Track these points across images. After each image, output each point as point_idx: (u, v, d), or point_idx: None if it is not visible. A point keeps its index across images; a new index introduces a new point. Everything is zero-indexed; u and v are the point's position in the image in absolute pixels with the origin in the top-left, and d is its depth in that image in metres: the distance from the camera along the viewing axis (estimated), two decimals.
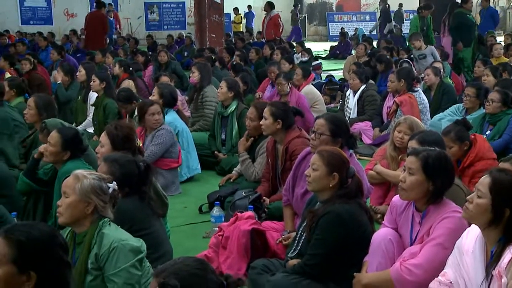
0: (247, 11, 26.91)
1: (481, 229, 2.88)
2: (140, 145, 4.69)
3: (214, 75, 9.31)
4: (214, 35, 15.16)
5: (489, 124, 6.20)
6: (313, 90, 8.89)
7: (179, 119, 6.60)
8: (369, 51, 12.65)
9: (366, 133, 7.96)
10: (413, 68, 9.66)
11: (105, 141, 4.46)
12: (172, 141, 5.98)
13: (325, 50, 22.57)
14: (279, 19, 16.87)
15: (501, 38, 15.11)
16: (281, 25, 17.16)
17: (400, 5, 24.51)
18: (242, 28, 26.33)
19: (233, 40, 18.69)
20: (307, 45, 17.16)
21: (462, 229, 3.07)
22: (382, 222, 3.62)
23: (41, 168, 4.70)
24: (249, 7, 26.89)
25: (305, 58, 13.64)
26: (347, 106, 8.52)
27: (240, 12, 26.95)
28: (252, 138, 5.70)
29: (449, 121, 6.05)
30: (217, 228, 4.35)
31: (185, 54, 17.39)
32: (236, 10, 26.62)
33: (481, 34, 12.32)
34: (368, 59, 11.74)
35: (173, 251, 3.92)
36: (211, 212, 4.99)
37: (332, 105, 10.29)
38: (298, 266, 3.45)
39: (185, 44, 18.42)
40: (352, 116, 8.31)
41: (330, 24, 30.80)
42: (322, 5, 32.13)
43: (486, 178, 2.85)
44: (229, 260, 4.05)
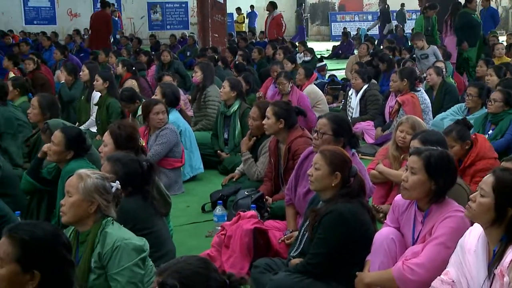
0: (250, 11, 26.88)
1: (484, 228, 2.88)
2: (143, 144, 4.70)
3: (217, 75, 9.31)
4: (216, 35, 15.18)
5: (491, 123, 6.19)
6: (316, 89, 8.89)
7: (182, 119, 6.60)
8: (371, 50, 12.65)
9: (369, 132, 7.96)
10: (416, 68, 9.66)
11: (108, 141, 4.45)
12: (176, 141, 5.99)
13: (327, 50, 22.55)
14: (281, 19, 16.88)
15: (503, 38, 15.10)
16: (284, 25, 17.17)
17: (402, 5, 24.48)
18: (244, 28, 26.34)
19: (236, 40, 18.68)
20: (310, 44, 17.14)
21: (464, 229, 3.07)
22: (384, 222, 3.63)
23: (45, 167, 4.70)
24: (251, 7, 26.87)
25: (308, 57, 13.62)
26: (350, 105, 8.52)
27: (243, 12, 26.93)
28: (255, 138, 5.72)
29: (451, 121, 6.02)
30: (219, 227, 4.35)
31: (188, 53, 17.40)
32: (239, 10, 26.61)
33: (483, 34, 12.28)
34: (371, 58, 11.75)
35: (176, 250, 3.92)
36: (214, 211, 4.98)
37: (335, 104, 10.28)
38: (301, 265, 3.45)
39: (188, 44, 18.43)
40: (355, 116, 8.30)
41: (332, 24, 30.79)
42: (325, 5, 32.10)
43: (489, 177, 2.84)
44: (231, 259, 4.05)
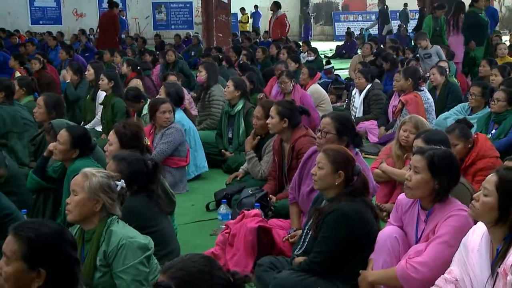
0: (254, 11, 26.88)
1: (487, 227, 2.87)
2: (148, 143, 4.72)
3: (221, 74, 9.33)
4: (221, 35, 15.20)
5: (494, 123, 6.16)
6: (319, 89, 8.89)
7: (186, 118, 6.61)
8: (374, 50, 12.65)
9: (372, 131, 7.96)
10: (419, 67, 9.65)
11: (113, 140, 4.47)
12: (181, 140, 6.01)
13: (331, 50, 22.56)
14: (285, 19, 16.85)
15: (506, 38, 15.06)
16: (288, 25, 17.14)
17: (405, 5, 24.43)
18: (249, 27, 26.32)
19: (240, 40, 18.71)
20: (313, 44, 17.14)
21: (468, 227, 3.06)
22: (388, 220, 3.62)
23: (51, 166, 4.72)
24: (255, 7, 26.86)
25: (311, 57, 13.63)
26: (353, 105, 8.52)
27: (247, 12, 26.92)
28: (259, 137, 5.73)
29: (454, 120, 6.03)
30: (224, 226, 4.37)
31: (192, 53, 17.43)
32: (243, 10, 26.60)
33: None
34: (374, 58, 11.75)
35: (181, 249, 3.93)
36: (218, 210, 4.99)
37: (338, 104, 10.28)
38: (305, 264, 3.46)
39: (193, 44, 18.46)
40: (358, 115, 8.30)
41: (336, 23, 30.77)
42: (328, 5, 32.08)
43: (492, 176, 2.84)
44: (236, 257, 4.06)
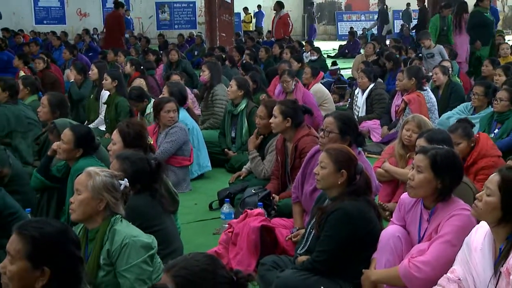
0: (257, 11, 26.88)
1: (490, 227, 2.87)
2: (152, 142, 4.73)
3: (224, 74, 9.34)
4: (224, 34, 15.21)
5: (497, 122, 6.16)
6: (322, 88, 8.90)
7: (190, 117, 6.62)
8: (377, 50, 12.65)
9: (375, 131, 7.97)
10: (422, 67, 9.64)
11: (117, 139, 4.48)
12: (185, 139, 6.02)
13: (334, 49, 22.55)
14: (288, 19, 16.85)
15: (509, 38, 15.03)
16: (291, 24, 17.15)
17: (408, 5, 24.41)
18: (252, 27, 26.33)
19: (243, 39, 18.72)
20: (316, 44, 17.14)
21: (470, 227, 3.06)
22: (391, 219, 3.62)
23: (55, 165, 4.73)
24: (259, 6, 26.86)
25: (314, 57, 13.63)
26: (356, 104, 8.53)
27: (250, 12, 26.93)
28: (262, 136, 5.74)
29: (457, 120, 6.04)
30: (227, 225, 4.38)
31: (196, 53, 17.43)
32: (246, 9, 26.61)
33: None
34: (377, 58, 11.75)
35: (184, 247, 3.95)
36: (221, 209, 5.01)
37: (341, 103, 10.28)
38: (307, 263, 3.46)
39: (196, 43, 18.46)
40: (361, 115, 8.31)
41: (339, 23, 30.74)
42: (331, 5, 32.06)
43: (495, 176, 2.83)
44: (239, 256, 4.07)
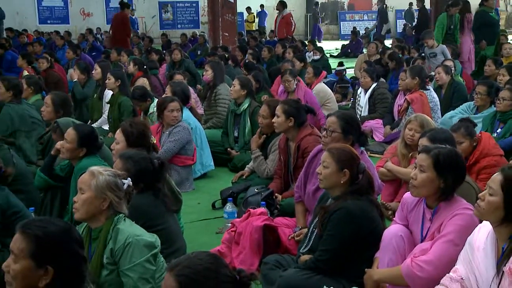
0: (260, 10, 26.91)
1: (493, 226, 2.87)
2: (155, 142, 4.74)
3: (227, 73, 9.35)
4: (227, 34, 15.21)
5: (499, 122, 6.15)
6: (325, 88, 8.89)
7: (192, 117, 6.63)
8: (380, 49, 12.65)
9: (377, 130, 7.97)
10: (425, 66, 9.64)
11: (120, 138, 4.49)
12: (189, 139, 6.03)
13: (336, 49, 22.54)
14: (291, 18, 16.84)
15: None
16: (293, 24, 17.15)
17: (410, 4, 24.38)
18: (254, 27, 26.36)
19: (246, 39, 18.73)
20: (319, 43, 17.14)
21: (473, 226, 3.06)
22: (393, 219, 3.62)
23: (58, 164, 4.75)
24: (261, 6, 26.88)
25: (317, 56, 13.63)
26: (358, 104, 8.53)
27: (253, 11, 26.96)
28: (265, 136, 5.74)
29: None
30: (230, 224, 4.39)
31: (199, 52, 17.46)
32: (249, 9, 26.64)
33: None
34: (379, 57, 11.74)
35: (187, 247, 3.95)
36: (224, 208, 5.01)
37: (344, 103, 10.28)
38: (310, 262, 3.47)
39: (199, 43, 18.49)
40: (363, 114, 8.31)
41: (341, 23, 30.73)
42: (334, 4, 32.06)
43: (498, 176, 2.82)
44: (241, 256, 4.08)
